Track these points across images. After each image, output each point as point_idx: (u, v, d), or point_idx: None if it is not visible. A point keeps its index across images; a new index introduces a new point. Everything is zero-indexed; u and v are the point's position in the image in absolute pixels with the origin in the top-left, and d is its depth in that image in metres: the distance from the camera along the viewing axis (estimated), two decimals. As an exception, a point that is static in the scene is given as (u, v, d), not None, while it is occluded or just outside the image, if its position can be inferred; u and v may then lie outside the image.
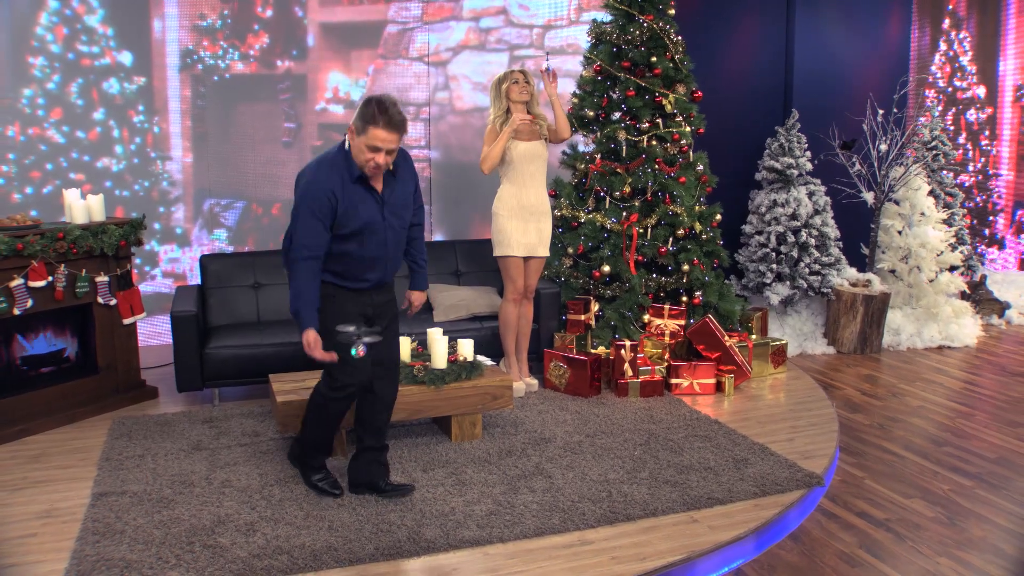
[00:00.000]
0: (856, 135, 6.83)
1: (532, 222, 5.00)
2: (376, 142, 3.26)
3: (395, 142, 3.29)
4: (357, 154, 3.33)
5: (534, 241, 5.02)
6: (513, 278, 5.03)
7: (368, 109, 3.26)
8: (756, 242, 6.61)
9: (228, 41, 6.22)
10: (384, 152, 3.29)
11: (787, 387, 5.38)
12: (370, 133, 3.25)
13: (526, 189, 4.98)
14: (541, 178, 5.05)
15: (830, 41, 7.08)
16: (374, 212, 3.43)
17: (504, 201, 4.99)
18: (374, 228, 3.44)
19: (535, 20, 6.82)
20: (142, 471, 4.00)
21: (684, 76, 5.76)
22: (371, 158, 3.29)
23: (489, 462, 4.09)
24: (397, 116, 3.26)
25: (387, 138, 3.26)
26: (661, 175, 5.63)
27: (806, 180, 6.69)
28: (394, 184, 3.51)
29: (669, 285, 5.67)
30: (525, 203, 4.97)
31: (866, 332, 6.39)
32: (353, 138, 3.34)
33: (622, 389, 5.07)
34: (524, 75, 4.99)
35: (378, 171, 3.37)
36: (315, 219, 3.33)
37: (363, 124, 3.26)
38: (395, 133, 3.27)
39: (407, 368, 4.32)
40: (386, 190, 3.47)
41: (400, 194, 3.53)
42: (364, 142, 3.28)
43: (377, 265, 3.54)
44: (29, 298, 4.53)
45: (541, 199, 5.03)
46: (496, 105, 4.98)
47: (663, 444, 4.31)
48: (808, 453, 4.24)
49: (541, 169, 5.03)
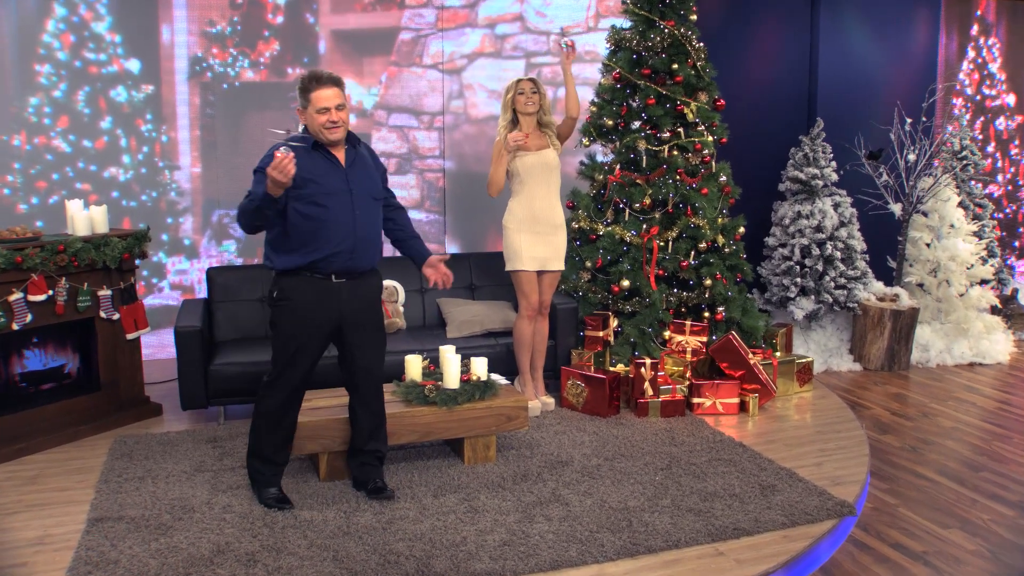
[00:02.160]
0: (883, 145, 6.63)
1: (544, 235, 4.81)
2: (320, 103, 3.42)
3: (338, 96, 3.45)
4: (312, 124, 3.48)
5: (546, 254, 4.83)
6: (526, 293, 4.84)
7: (302, 84, 3.46)
8: (780, 255, 6.42)
9: (238, 48, 6.09)
10: (334, 108, 3.44)
11: (813, 407, 5.17)
12: (312, 99, 3.43)
13: (537, 201, 4.78)
14: (553, 189, 4.85)
15: (855, 48, 6.89)
16: (336, 177, 3.52)
17: (514, 214, 4.81)
18: (337, 192, 3.50)
19: (552, 27, 6.66)
20: (141, 494, 3.83)
21: (706, 84, 5.57)
22: (326, 118, 3.44)
23: (503, 487, 3.90)
24: (328, 73, 3.47)
25: (328, 94, 3.43)
26: (683, 186, 5.45)
27: (831, 191, 6.50)
28: (357, 156, 3.61)
29: (691, 300, 5.48)
30: (536, 215, 4.78)
31: (894, 348, 6.17)
32: (303, 116, 3.51)
33: (642, 409, 4.88)
34: (534, 83, 4.77)
35: (337, 130, 3.48)
36: (260, 173, 3.40)
37: (304, 97, 3.46)
38: (333, 87, 3.45)
39: (418, 388, 4.14)
40: (348, 160, 3.58)
41: (364, 166, 3.62)
42: (312, 110, 3.44)
43: (344, 236, 3.50)
44: (28, 313, 4.39)
45: (553, 211, 4.84)
46: (503, 115, 4.81)
47: (685, 468, 4.11)
48: (838, 479, 4.04)
49: (552, 180, 4.83)
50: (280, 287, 3.56)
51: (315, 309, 3.54)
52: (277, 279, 3.58)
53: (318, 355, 3.63)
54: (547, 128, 4.84)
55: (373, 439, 3.81)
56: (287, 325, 3.56)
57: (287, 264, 3.53)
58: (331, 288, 3.55)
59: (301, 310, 3.54)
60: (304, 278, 3.53)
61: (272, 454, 3.70)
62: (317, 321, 3.55)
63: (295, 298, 3.54)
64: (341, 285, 3.57)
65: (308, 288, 3.53)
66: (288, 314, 3.55)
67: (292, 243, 3.50)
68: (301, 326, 3.55)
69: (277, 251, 3.56)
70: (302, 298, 3.54)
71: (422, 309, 5.54)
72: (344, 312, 3.59)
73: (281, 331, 3.58)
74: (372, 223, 3.62)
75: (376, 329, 3.73)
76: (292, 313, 3.55)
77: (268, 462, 3.71)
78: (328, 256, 3.50)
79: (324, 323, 3.57)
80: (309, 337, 3.56)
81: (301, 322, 3.54)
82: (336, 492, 3.83)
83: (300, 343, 3.56)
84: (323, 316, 3.56)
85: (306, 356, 3.58)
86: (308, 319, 3.54)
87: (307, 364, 3.60)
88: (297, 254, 3.50)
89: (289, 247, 3.51)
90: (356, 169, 3.59)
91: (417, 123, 6.51)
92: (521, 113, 4.76)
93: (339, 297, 3.57)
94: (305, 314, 3.54)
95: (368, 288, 3.67)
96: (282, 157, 3.17)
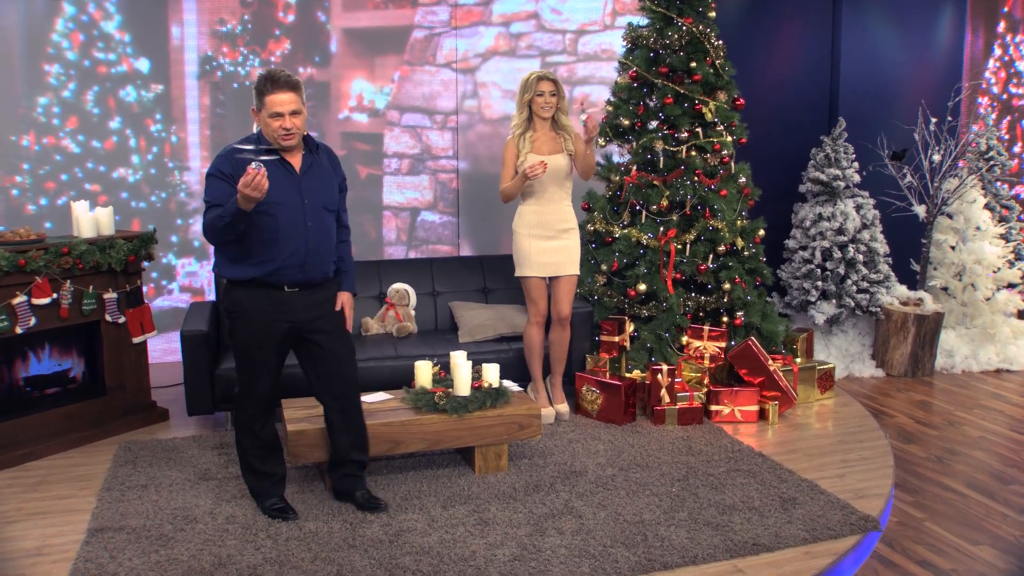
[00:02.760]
0: (907, 145, 6.45)
1: (554, 240, 4.63)
2: (275, 107, 3.26)
3: (294, 102, 3.28)
4: (266, 130, 3.33)
5: (557, 260, 4.64)
6: (534, 299, 4.67)
7: (258, 84, 3.29)
8: (800, 258, 6.27)
9: (248, 47, 6.01)
10: (288, 115, 3.27)
11: (835, 415, 5.03)
12: (267, 103, 3.26)
13: (547, 205, 4.61)
14: (564, 193, 4.66)
15: (878, 46, 6.73)
16: (288, 186, 3.35)
17: (523, 218, 4.65)
18: (288, 202, 3.34)
19: (568, 25, 6.54)
20: (143, 503, 3.74)
21: (725, 82, 5.43)
22: (278, 124, 3.28)
23: (515, 498, 3.78)
24: (285, 76, 3.29)
25: (284, 99, 3.26)
26: (701, 188, 5.31)
27: (853, 192, 6.34)
28: (313, 162, 3.44)
29: (709, 305, 5.34)
30: (545, 220, 4.61)
31: (918, 354, 6.01)
32: (258, 118, 3.35)
33: (658, 416, 4.75)
34: (554, 85, 4.55)
35: (291, 137, 3.31)
36: (220, 179, 3.31)
37: (259, 99, 3.29)
38: (289, 92, 3.28)
39: (428, 395, 4.03)
40: (304, 166, 3.42)
41: (320, 175, 3.45)
42: (266, 114, 3.28)
43: (296, 247, 3.36)
44: (32, 316, 4.31)
45: (564, 215, 4.65)
46: (518, 113, 4.61)
47: (703, 480, 3.98)
48: (861, 491, 3.89)
49: (564, 183, 4.64)
50: (231, 298, 3.44)
51: (268, 320, 3.41)
52: (228, 289, 3.46)
53: (278, 366, 3.50)
54: (563, 131, 4.65)
55: (356, 448, 3.68)
56: (242, 336, 3.44)
57: (237, 274, 3.40)
58: (283, 298, 3.42)
59: (254, 321, 3.41)
60: (255, 289, 3.40)
61: (261, 466, 3.59)
62: (271, 332, 3.42)
63: (248, 309, 3.41)
64: (294, 295, 3.44)
65: (259, 299, 3.40)
66: (242, 326, 3.44)
67: (242, 253, 3.36)
68: (255, 337, 3.42)
69: (227, 260, 3.43)
70: (254, 308, 3.40)
71: (434, 313, 5.44)
72: (300, 319, 3.46)
73: (238, 343, 3.47)
74: (325, 235, 3.46)
75: (341, 333, 3.58)
76: (246, 325, 3.43)
77: (261, 475, 3.61)
78: (279, 268, 3.37)
79: (278, 333, 3.44)
80: (264, 349, 3.43)
81: (255, 333, 3.42)
82: (342, 502, 3.72)
83: (257, 354, 3.44)
84: (277, 327, 3.43)
85: (265, 368, 3.45)
86: (261, 330, 3.41)
87: (269, 376, 3.47)
88: (247, 264, 3.37)
89: (239, 257, 3.38)
90: (311, 177, 3.42)
91: (430, 123, 6.41)
92: (537, 116, 4.60)
93: (292, 307, 3.44)
94: (259, 325, 3.41)
95: (324, 297, 3.53)
96: (255, 173, 3.04)
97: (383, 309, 5.27)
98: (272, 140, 3.33)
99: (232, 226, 3.21)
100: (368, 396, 4.19)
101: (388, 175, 6.40)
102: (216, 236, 3.30)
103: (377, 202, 6.41)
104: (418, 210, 6.48)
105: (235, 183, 3.22)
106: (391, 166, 6.39)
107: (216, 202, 3.30)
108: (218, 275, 3.47)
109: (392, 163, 6.39)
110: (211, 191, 3.33)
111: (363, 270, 5.38)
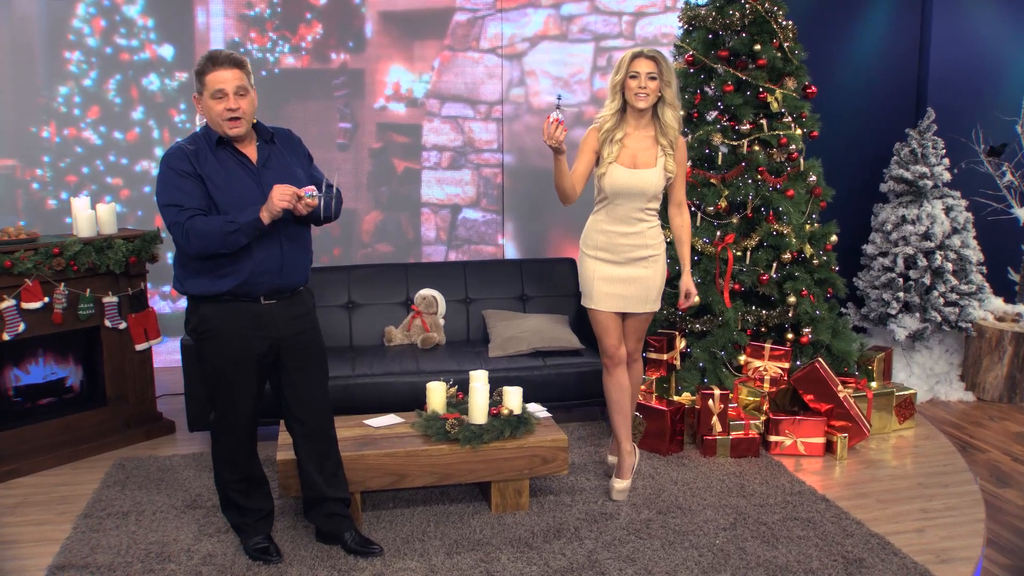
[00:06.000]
0: (1006, 139, 5.84)
1: (625, 267, 3.67)
2: (216, 85, 2.91)
3: (237, 77, 2.92)
4: (209, 114, 2.96)
5: (629, 292, 3.68)
6: (599, 336, 3.76)
7: (197, 66, 2.95)
8: (880, 265, 5.63)
9: (277, 32, 5.65)
10: (232, 94, 2.91)
11: (915, 450, 4.40)
12: (207, 83, 2.91)
13: (619, 226, 3.64)
14: (646, 215, 3.66)
15: (975, 26, 6.09)
16: (246, 180, 2.98)
17: (591, 237, 3.72)
18: (249, 200, 2.93)
19: (624, 7, 6.01)
20: (119, 535, 3.38)
21: (795, 68, 4.83)
22: (223, 107, 2.91)
23: (531, 545, 3.30)
24: (225, 53, 2.95)
25: (224, 76, 2.91)
26: (764, 187, 4.73)
27: (943, 193, 5.69)
28: (271, 153, 3.07)
29: (771, 319, 4.76)
30: (615, 244, 3.65)
31: (1015, 376, 5.33)
32: (200, 105, 2.98)
33: (709, 447, 4.21)
34: (655, 63, 3.50)
35: (238, 123, 2.94)
36: (180, 177, 2.92)
37: (199, 81, 2.94)
38: (230, 68, 2.93)
39: (439, 422, 3.57)
40: (260, 158, 3.04)
41: (281, 164, 3.06)
42: (207, 96, 2.92)
43: (269, 252, 2.96)
44: (21, 322, 4.00)
45: (644, 241, 3.66)
46: (610, 100, 3.60)
47: (753, 530, 3.43)
48: (944, 553, 3.29)
49: (650, 204, 3.66)
50: (200, 316, 3.01)
51: (245, 337, 2.99)
52: (195, 307, 3.04)
53: (259, 389, 3.10)
54: (664, 135, 3.62)
55: (333, 486, 3.24)
56: (216, 359, 3.02)
57: (205, 289, 2.98)
58: (261, 312, 3.00)
59: (229, 341, 2.99)
60: (228, 304, 2.98)
61: (244, 501, 3.20)
62: (249, 351, 3.01)
63: (221, 327, 2.99)
64: (272, 307, 3.02)
65: (234, 315, 2.98)
66: (214, 347, 3.01)
67: (208, 264, 2.94)
68: (231, 359, 3.01)
69: (190, 274, 3.00)
70: (229, 327, 2.98)
71: (466, 322, 4.97)
72: (281, 335, 3.05)
73: (211, 368, 3.05)
74: (299, 232, 3.07)
75: (318, 350, 3.18)
76: (220, 346, 3.00)
77: (243, 511, 3.21)
78: (251, 276, 2.95)
79: (258, 353, 3.03)
80: (242, 370, 3.02)
81: (231, 354, 3.00)
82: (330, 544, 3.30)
83: (235, 378, 3.03)
84: (256, 345, 3.01)
85: (244, 393, 3.05)
86: (238, 350, 3.00)
87: (249, 401, 3.07)
88: (214, 276, 2.95)
89: (205, 269, 2.95)
90: (271, 169, 3.02)
91: (473, 113, 5.97)
92: (631, 106, 3.59)
93: (272, 320, 3.02)
94: (234, 344, 2.99)
95: (304, 310, 3.13)
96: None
97: (408, 317, 4.83)
98: (218, 128, 2.94)
99: (238, 240, 2.87)
100: (374, 419, 3.76)
101: (427, 169, 5.99)
102: (212, 246, 2.88)
103: (415, 198, 5.99)
104: (459, 207, 6.05)
105: (201, 181, 2.90)
106: (430, 160, 5.98)
107: (191, 205, 2.90)
108: (181, 292, 3.03)
109: (432, 156, 5.98)
110: (177, 192, 2.91)
111: (389, 273, 4.97)
